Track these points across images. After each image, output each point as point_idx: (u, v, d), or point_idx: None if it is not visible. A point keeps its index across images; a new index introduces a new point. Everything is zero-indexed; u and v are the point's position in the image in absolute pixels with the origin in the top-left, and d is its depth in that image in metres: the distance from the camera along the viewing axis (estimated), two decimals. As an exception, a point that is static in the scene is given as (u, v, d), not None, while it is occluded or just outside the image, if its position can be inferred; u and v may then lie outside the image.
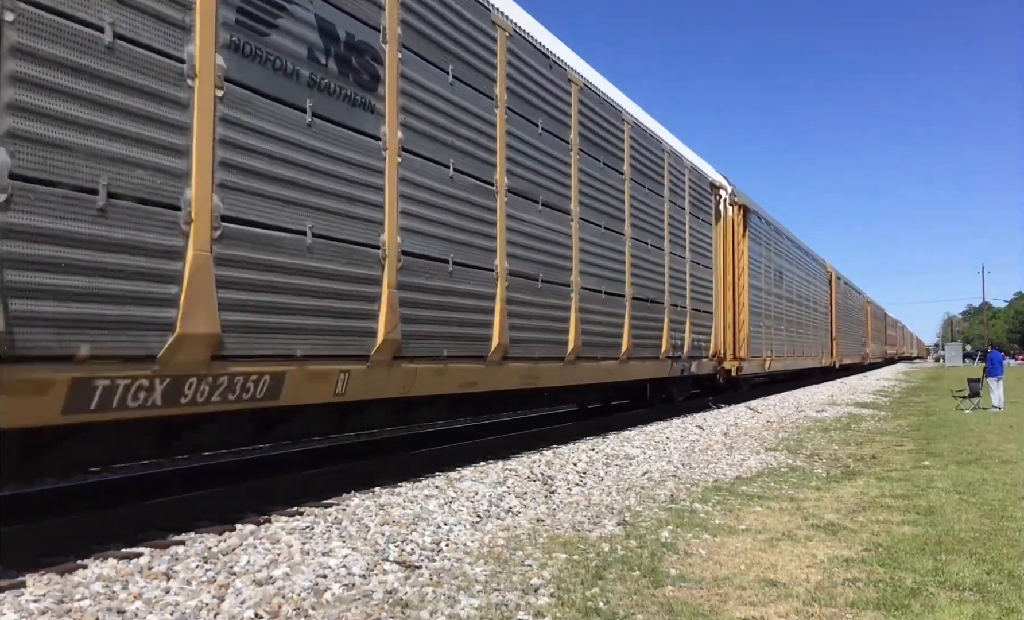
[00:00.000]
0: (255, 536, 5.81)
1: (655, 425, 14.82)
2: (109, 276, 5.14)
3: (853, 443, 13.27)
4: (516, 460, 9.89)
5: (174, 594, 4.51)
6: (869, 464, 10.75)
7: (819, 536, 6.45)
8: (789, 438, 13.76)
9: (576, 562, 5.42)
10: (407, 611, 4.36)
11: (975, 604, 4.73)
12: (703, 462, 10.51)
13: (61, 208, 4.87)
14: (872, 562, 5.65)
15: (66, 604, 4.28)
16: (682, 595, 4.81)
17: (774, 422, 16.82)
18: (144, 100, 5.40)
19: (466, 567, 5.25)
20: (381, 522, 6.36)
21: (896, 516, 7.28)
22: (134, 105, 5.33)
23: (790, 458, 11.17)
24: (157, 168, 5.47)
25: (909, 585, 5.08)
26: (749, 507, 7.57)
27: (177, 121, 5.62)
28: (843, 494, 8.37)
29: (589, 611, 4.44)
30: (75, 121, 4.98)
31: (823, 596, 4.84)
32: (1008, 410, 19.96)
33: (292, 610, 4.32)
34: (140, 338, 5.32)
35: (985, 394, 21.43)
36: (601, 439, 12.33)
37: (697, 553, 5.80)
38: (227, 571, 4.97)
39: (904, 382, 41.04)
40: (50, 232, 4.81)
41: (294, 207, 6.57)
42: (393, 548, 5.65)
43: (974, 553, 5.89)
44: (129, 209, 5.29)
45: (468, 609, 4.40)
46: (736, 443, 12.81)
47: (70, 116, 4.95)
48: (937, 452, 12.01)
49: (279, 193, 6.44)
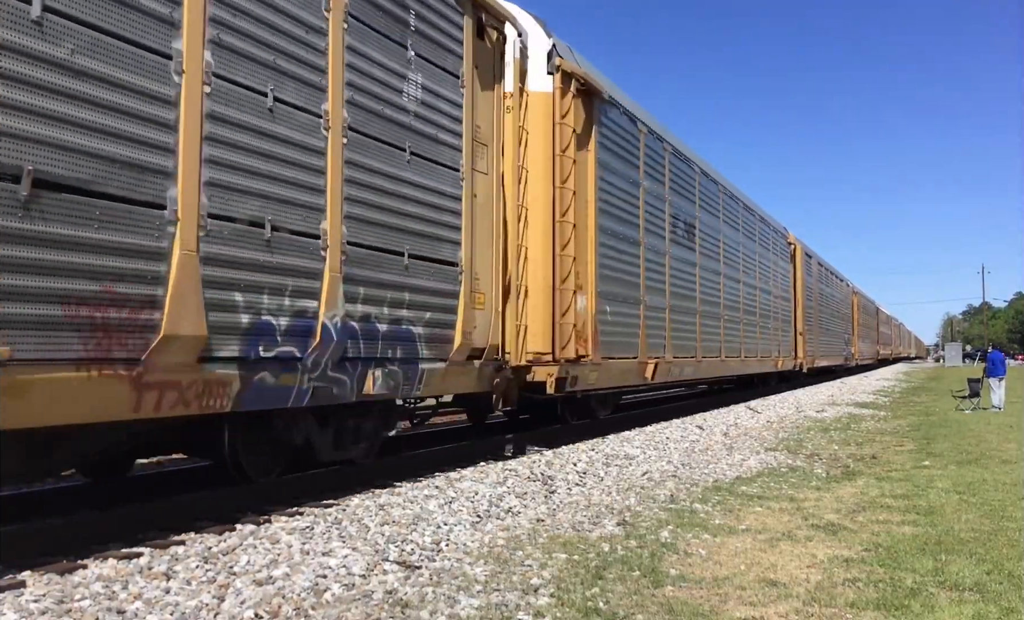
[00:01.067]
0: (255, 536, 5.81)
1: (655, 425, 14.81)
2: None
3: (853, 443, 13.27)
4: (516, 460, 9.89)
5: (174, 594, 4.51)
6: (869, 464, 10.75)
7: (819, 536, 6.45)
8: (789, 438, 13.76)
9: (576, 562, 5.42)
10: (407, 611, 4.36)
11: (975, 604, 4.73)
12: (703, 462, 10.51)
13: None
14: (872, 562, 5.66)
15: (66, 604, 4.29)
16: (682, 595, 4.81)
17: (774, 422, 16.82)
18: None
19: (466, 567, 5.25)
20: (381, 522, 6.36)
21: (896, 516, 7.28)
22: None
23: (790, 458, 11.17)
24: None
25: (909, 585, 5.08)
26: (749, 507, 7.57)
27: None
28: (843, 494, 8.37)
29: (589, 611, 4.44)
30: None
31: (823, 596, 4.85)
32: (1008, 410, 19.96)
33: (292, 610, 4.32)
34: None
35: (985, 394, 21.43)
36: (601, 439, 12.33)
37: (697, 553, 5.81)
38: (227, 571, 4.97)
39: (904, 382, 41.05)
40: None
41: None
42: (393, 548, 5.65)
43: (974, 553, 5.89)
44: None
45: (468, 609, 4.40)
46: (736, 443, 12.81)
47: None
48: (937, 452, 12.01)
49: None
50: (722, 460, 10.75)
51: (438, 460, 9.49)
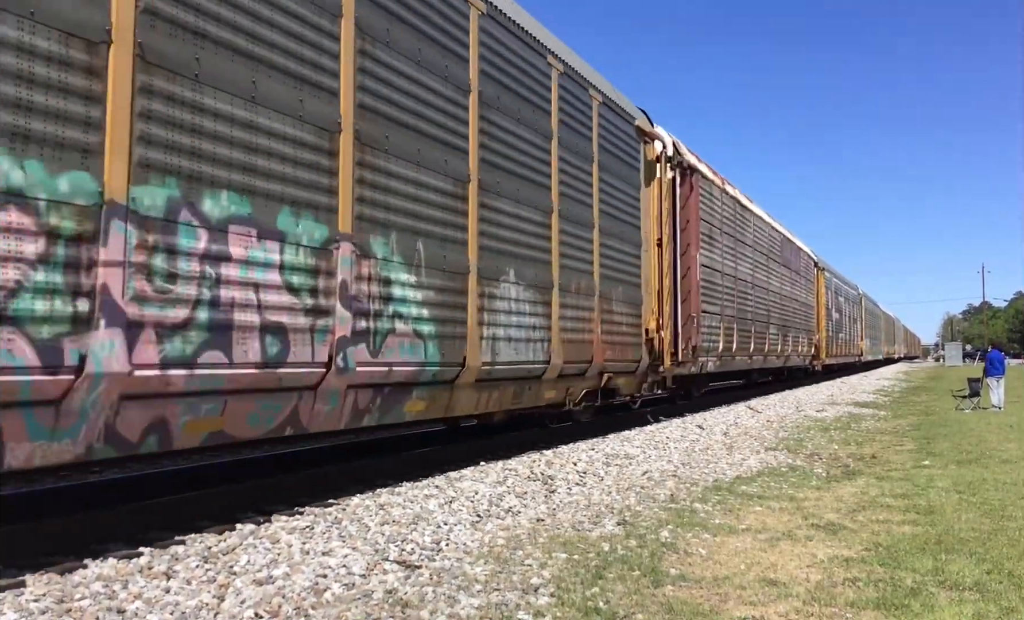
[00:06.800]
0: (255, 536, 5.81)
1: (655, 425, 14.82)
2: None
3: (853, 443, 13.27)
4: (516, 460, 9.88)
5: (174, 594, 4.51)
6: (869, 464, 10.75)
7: (819, 536, 6.45)
8: (789, 438, 13.76)
9: (576, 562, 5.42)
10: (407, 611, 4.36)
11: (975, 604, 4.73)
12: (703, 462, 10.51)
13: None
14: (872, 562, 5.66)
15: (66, 604, 4.29)
16: (682, 594, 4.82)
17: (774, 421, 16.82)
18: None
19: (466, 567, 5.25)
20: (381, 522, 6.36)
21: (896, 516, 7.28)
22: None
23: (790, 458, 11.17)
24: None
25: (909, 585, 5.08)
26: (749, 507, 7.57)
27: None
28: (843, 494, 8.37)
29: (589, 611, 4.44)
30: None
31: (823, 595, 4.85)
32: (1008, 410, 19.96)
33: (292, 610, 4.32)
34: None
35: (985, 394, 21.42)
36: (601, 439, 12.33)
37: (697, 552, 5.81)
38: (227, 571, 4.97)
39: (904, 382, 41.06)
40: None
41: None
42: (393, 548, 5.65)
43: (974, 552, 5.89)
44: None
45: (468, 609, 4.40)
46: (736, 443, 12.81)
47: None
48: (937, 452, 12.01)
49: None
50: (722, 460, 10.75)
51: (438, 460, 9.49)
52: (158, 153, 5.47)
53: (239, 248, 6.00)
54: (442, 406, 8.71)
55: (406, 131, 7.90)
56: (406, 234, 7.87)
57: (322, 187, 6.82)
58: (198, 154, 5.72)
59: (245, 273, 6.04)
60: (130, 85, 5.27)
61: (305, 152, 6.67)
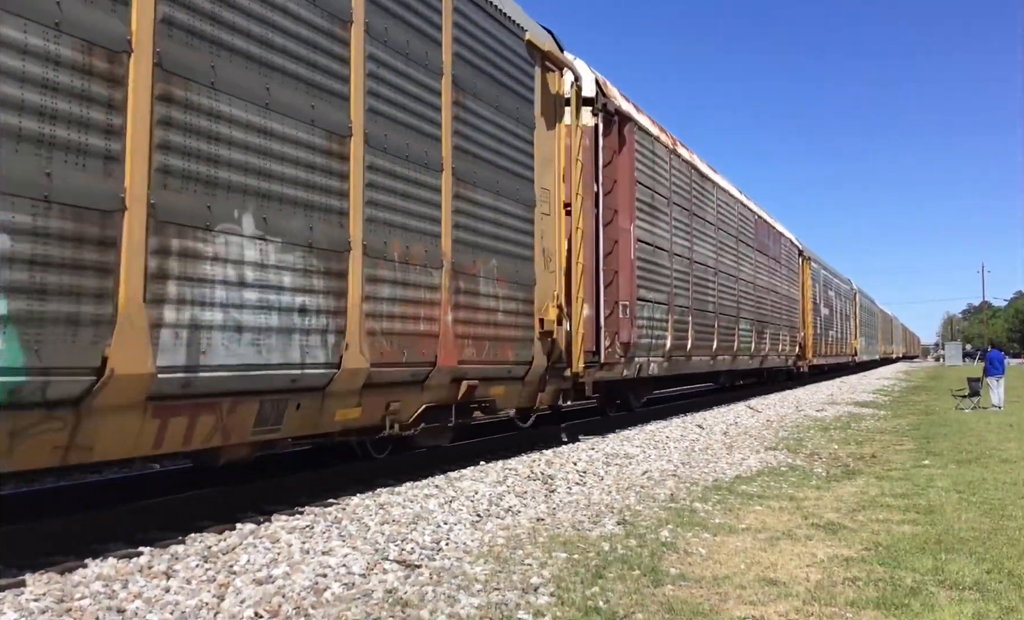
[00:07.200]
0: (255, 535, 5.81)
1: (655, 424, 14.82)
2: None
3: (853, 442, 13.27)
4: (516, 459, 9.89)
5: (174, 593, 4.51)
6: (869, 463, 10.75)
7: (819, 535, 6.45)
8: (789, 437, 13.76)
9: (576, 561, 5.42)
10: (407, 610, 4.36)
11: (975, 603, 4.73)
12: (703, 461, 10.51)
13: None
14: (872, 561, 5.66)
15: (66, 603, 4.28)
16: (682, 594, 4.81)
17: (773, 421, 16.82)
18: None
19: (466, 566, 5.25)
20: (381, 521, 6.36)
21: (896, 515, 7.28)
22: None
23: (790, 457, 11.18)
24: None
25: (909, 584, 5.08)
26: (749, 506, 7.57)
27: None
28: (843, 493, 8.37)
29: (589, 610, 4.44)
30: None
31: (823, 595, 4.84)
32: (1008, 409, 19.96)
33: (292, 609, 4.31)
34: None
35: (985, 393, 21.42)
36: (601, 438, 12.34)
37: (697, 552, 5.81)
38: (227, 570, 4.97)
39: (904, 381, 41.06)
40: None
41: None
42: (393, 547, 5.65)
43: (974, 552, 5.89)
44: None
45: (468, 608, 4.40)
46: (736, 442, 12.81)
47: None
48: (937, 451, 12.01)
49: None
50: (722, 459, 10.75)
51: (438, 460, 9.49)
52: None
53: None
54: (58, 452, 4.96)
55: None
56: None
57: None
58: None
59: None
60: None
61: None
